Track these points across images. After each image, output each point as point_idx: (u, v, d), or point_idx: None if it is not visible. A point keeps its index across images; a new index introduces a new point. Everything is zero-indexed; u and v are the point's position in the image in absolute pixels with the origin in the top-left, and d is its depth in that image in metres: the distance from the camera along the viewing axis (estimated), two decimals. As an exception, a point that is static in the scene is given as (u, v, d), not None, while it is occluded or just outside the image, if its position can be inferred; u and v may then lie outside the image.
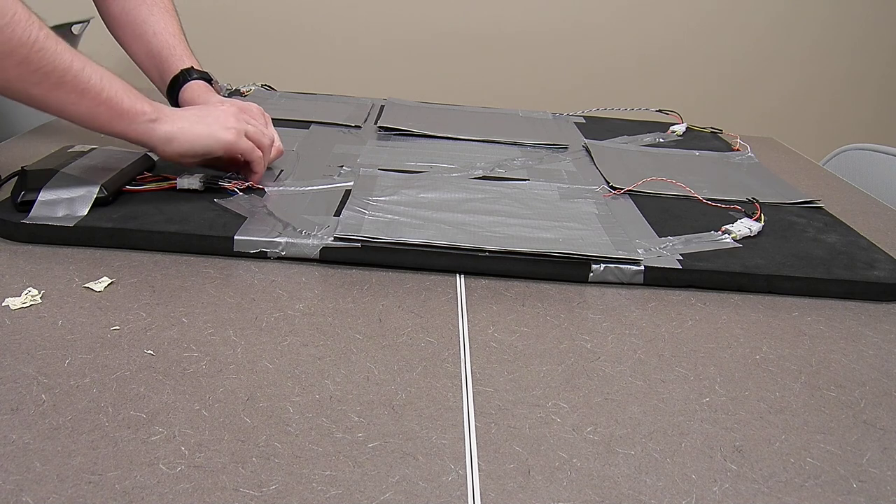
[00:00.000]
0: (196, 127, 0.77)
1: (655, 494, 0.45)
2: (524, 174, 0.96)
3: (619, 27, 2.36)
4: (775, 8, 2.38)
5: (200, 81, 0.93)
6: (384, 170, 0.93)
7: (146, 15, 0.95)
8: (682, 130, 1.27)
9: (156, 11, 0.96)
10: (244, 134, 0.80)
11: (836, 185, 1.12)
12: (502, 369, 0.56)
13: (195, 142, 0.76)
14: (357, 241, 0.71)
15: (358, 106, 1.27)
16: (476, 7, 2.31)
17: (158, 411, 0.48)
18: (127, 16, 0.95)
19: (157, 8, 0.96)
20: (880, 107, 2.52)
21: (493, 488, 0.44)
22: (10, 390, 0.49)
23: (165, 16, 0.96)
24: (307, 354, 0.56)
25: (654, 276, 0.72)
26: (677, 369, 0.59)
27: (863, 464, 0.50)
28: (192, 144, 0.76)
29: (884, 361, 0.63)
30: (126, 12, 0.95)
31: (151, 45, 0.95)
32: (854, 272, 0.75)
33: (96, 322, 0.58)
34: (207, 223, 0.73)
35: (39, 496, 0.40)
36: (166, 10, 0.97)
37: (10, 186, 0.74)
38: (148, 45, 0.95)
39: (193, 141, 0.76)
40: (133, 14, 0.95)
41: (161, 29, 0.95)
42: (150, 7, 0.96)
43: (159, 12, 0.96)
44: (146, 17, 0.95)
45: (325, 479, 0.43)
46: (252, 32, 2.25)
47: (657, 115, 1.33)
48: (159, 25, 0.95)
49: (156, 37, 0.95)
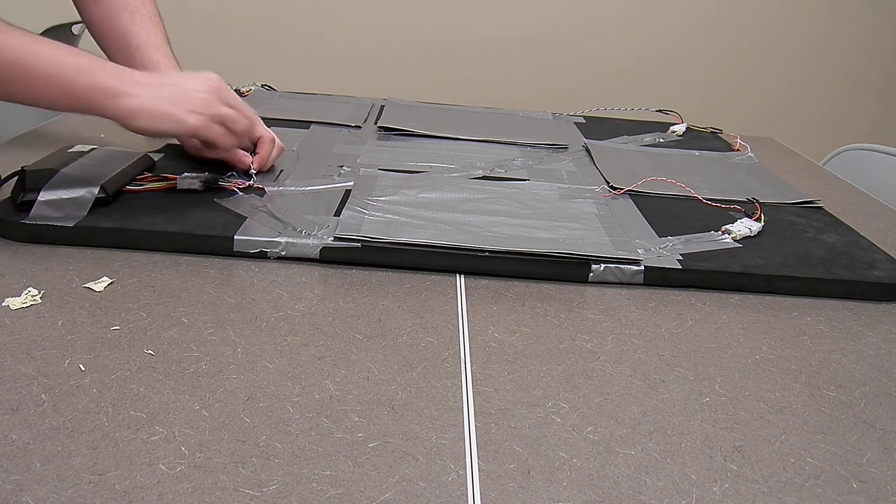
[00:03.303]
0: (161, 105, 0.72)
1: (655, 494, 0.45)
2: (524, 174, 0.96)
3: (618, 27, 2.36)
4: (775, 8, 2.38)
5: None
6: (384, 170, 0.93)
7: (128, 24, 0.91)
8: (682, 130, 1.27)
9: (137, 20, 0.91)
10: (216, 119, 0.75)
11: (836, 185, 1.12)
12: (502, 369, 0.56)
13: (159, 121, 0.72)
14: (357, 241, 0.71)
15: (358, 106, 1.27)
16: (476, 7, 2.31)
17: (158, 411, 0.48)
18: (109, 23, 0.91)
19: (138, 16, 0.92)
20: (880, 107, 2.52)
21: (493, 488, 0.44)
22: (10, 390, 0.49)
23: (148, 25, 0.92)
24: (307, 354, 0.56)
25: (654, 276, 0.72)
26: (677, 369, 0.59)
27: (863, 464, 0.50)
28: (156, 123, 0.72)
29: (884, 361, 0.63)
30: (108, 19, 0.91)
31: (135, 57, 0.90)
32: (854, 272, 0.75)
33: (96, 322, 0.58)
34: (207, 223, 0.73)
35: (39, 496, 0.40)
36: (149, 17, 0.93)
37: (10, 186, 0.74)
38: (131, 57, 0.90)
39: (157, 119, 0.72)
40: (115, 22, 0.91)
41: (144, 42, 0.90)
42: (132, 14, 0.91)
43: (141, 21, 0.91)
44: (128, 28, 0.91)
45: (325, 479, 0.43)
46: (252, 33, 2.25)
47: (657, 115, 1.33)
48: (142, 37, 0.91)
49: (139, 50, 0.90)
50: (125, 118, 0.72)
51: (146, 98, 0.71)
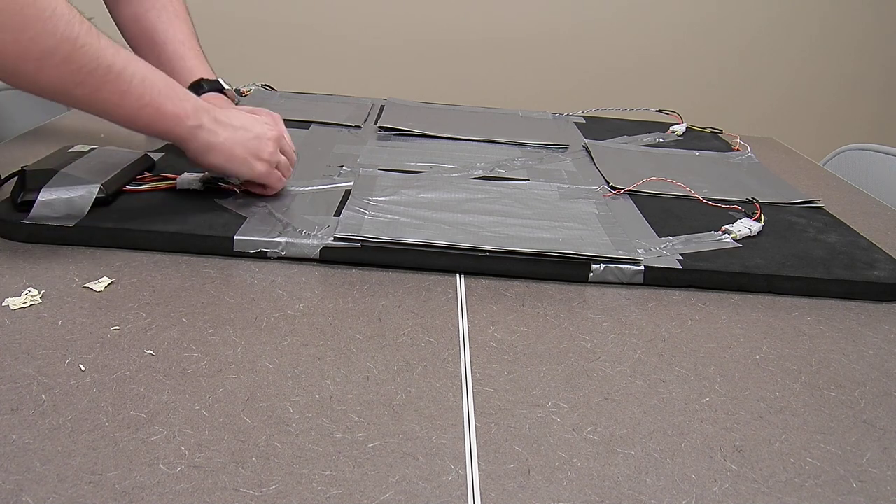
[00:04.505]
0: (235, 148, 0.74)
1: (655, 494, 0.45)
2: (524, 174, 0.96)
3: (618, 27, 2.36)
4: (775, 8, 2.38)
5: (211, 94, 0.90)
6: (384, 170, 0.93)
7: (155, 21, 0.93)
8: (682, 130, 1.27)
9: (164, 17, 0.93)
10: (276, 166, 0.79)
11: (836, 185, 1.12)
12: (502, 369, 0.56)
13: (229, 162, 0.75)
14: (357, 241, 0.71)
15: (358, 106, 1.27)
16: (476, 7, 2.31)
17: (158, 411, 0.48)
18: (137, 23, 0.93)
19: (165, 13, 0.93)
20: (880, 107, 2.52)
21: (493, 488, 0.44)
22: (10, 390, 0.49)
23: (176, 21, 0.94)
24: (307, 354, 0.56)
25: (654, 276, 0.72)
26: (677, 369, 0.59)
27: (863, 464, 0.50)
28: (225, 164, 0.75)
29: (884, 361, 0.63)
30: (136, 19, 0.93)
31: (165, 53, 0.92)
32: (854, 272, 0.75)
33: (96, 322, 0.58)
34: (207, 223, 0.73)
35: (39, 496, 0.40)
36: (175, 14, 0.94)
37: (10, 186, 0.74)
38: (161, 54, 0.92)
39: (228, 161, 0.75)
40: (144, 21, 0.93)
41: (171, 37, 0.92)
42: (160, 12, 0.93)
43: (168, 18, 0.93)
44: (156, 24, 0.92)
45: (325, 479, 0.43)
46: (252, 32, 2.25)
47: (657, 115, 1.33)
48: (169, 33, 0.92)
49: (166, 46, 0.92)
50: (199, 152, 0.73)
51: (223, 137, 0.74)
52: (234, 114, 0.77)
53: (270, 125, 0.79)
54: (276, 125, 0.81)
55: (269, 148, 0.77)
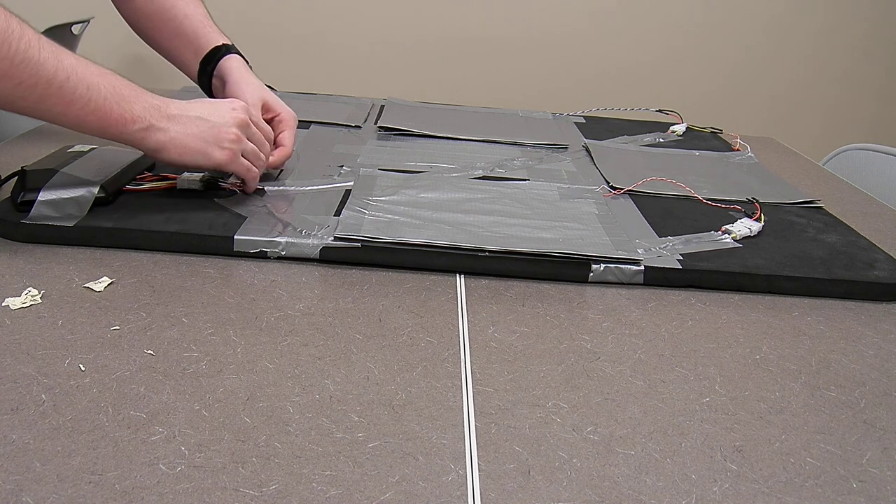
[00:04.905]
0: (189, 141, 0.73)
1: (655, 494, 0.45)
2: (524, 174, 0.96)
3: (618, 27, 2.36)
4: (775, 8, 2.38)
5: (238, 57, 0.92)
6: (384, 170, 0.93)
7: (173, 1, 0.94)
8: (682, 130, 1.27)
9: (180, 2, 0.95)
10: (241, 153, 0.77)
11: (836, 185, 1.12)
12: (502, 369, 0.56)
13: (184, 157, 0.74)
14: (357, 240, 0.71)
15: (358, 106, 1.27)
16: (476, 8, 2.31)
17: (158, 411, 0.48)
18: (152, 5, 0.94)
19: None
20: (880, 107, 2.52)
21: (493, 488, 0.44)
22: (10, 390, 0.49)
23: (192, 2, 0.96)
24: (307, 354, 0.56)
25: (654, 276, 0.72)
26: (677, 369, 0.59)
27: (863, 464, 0.50)
28: (183, 158, 0.74)
29: (884, 361, 0.63)
30: (150, 2, 0.94)
31: (183, 26, 0.93)
32: (854, 272, 0.75)
33: (96, 322, 0.58)
34: (207, 223, 0.73)
35: (39, 496, 0.40)
36: None
37: (10, 186, 0.74)
38: (179, 27, 0.93)
39: (182, 155, 0.74)
40: (158, 2, 0.94)
41: (191, 12, 0.94)
42: None
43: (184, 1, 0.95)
44: (174, 3, 0.94)
45: (325, 479, 0.43)
46: (252, 33, 2.25)
47: (657, 115, 1.33)
48: (189, 9, 0.94)
49: (187, 18, 0.94)
50: (154, 151, 0.73)
51: (175, 133, 0.73)
52: (194, 105, 0.76)
53: (236, 112, 0.78)
54: (243, 112, 0.79)
55: (229, 136, 0.75)
